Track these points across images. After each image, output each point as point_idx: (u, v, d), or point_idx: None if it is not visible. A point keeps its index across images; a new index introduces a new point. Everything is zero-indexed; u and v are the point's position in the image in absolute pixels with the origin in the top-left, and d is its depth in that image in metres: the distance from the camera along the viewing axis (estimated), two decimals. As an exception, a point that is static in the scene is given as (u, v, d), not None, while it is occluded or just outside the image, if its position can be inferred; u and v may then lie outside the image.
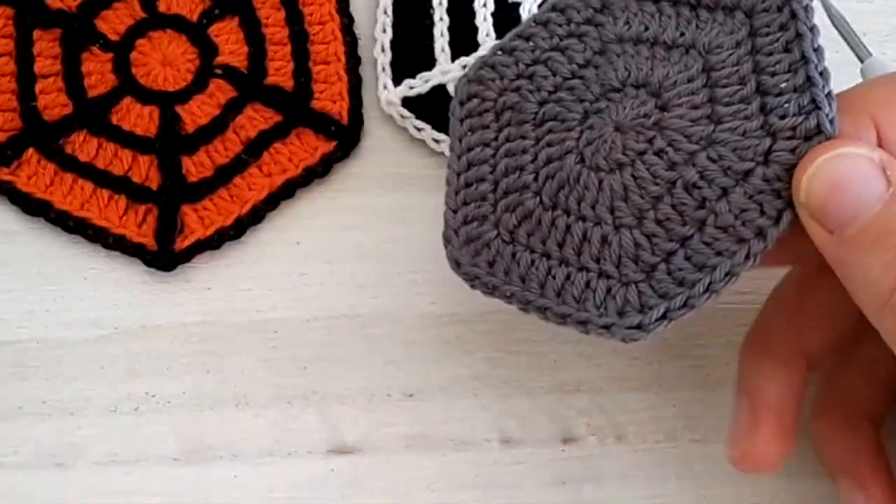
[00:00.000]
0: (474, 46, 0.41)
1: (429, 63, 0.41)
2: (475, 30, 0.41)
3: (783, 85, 0.31)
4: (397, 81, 0.41)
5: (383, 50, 0.41)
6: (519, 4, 0.41)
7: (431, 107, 0.40)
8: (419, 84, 0.41)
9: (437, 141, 0.40)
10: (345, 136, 0.40)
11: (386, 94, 0.41)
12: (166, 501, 0.37)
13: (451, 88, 0.40)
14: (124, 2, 0.41)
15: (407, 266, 0.39)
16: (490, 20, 0.41)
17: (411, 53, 0.41)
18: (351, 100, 0.41)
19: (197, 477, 0.37)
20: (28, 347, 0.38)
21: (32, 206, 0.39)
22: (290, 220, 0.40)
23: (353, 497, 0.37)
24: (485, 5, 0.42)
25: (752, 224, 0.30)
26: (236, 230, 0.39)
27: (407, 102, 0.40)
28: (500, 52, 0.35)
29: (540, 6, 0.36)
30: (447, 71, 0.41)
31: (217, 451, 0.38)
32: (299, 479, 0.37)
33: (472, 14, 0.41)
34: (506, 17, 0.41)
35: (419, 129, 0.40)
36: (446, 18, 0.41)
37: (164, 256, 0.39)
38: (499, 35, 0.41)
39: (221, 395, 0.38)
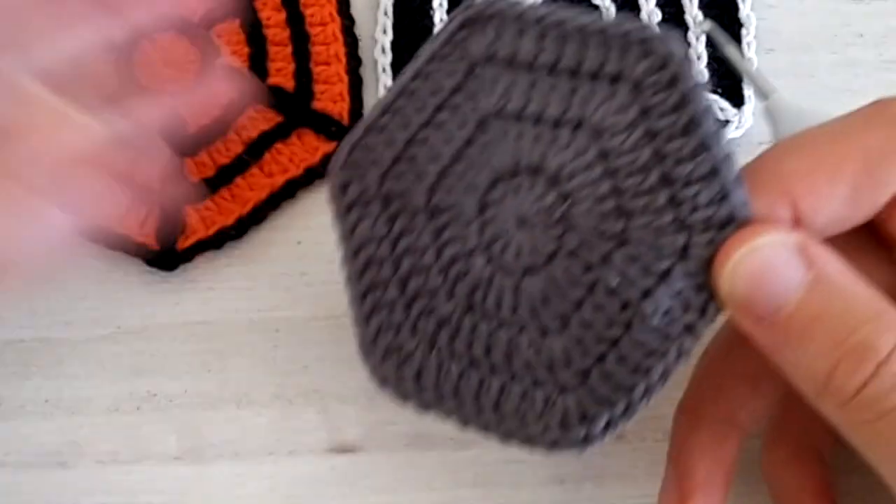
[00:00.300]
0: (474, 48, 0.41)
1: (429, 64, 0.41)
2: (475, 31, 0.41)
3: (688, 173, 0.29)
4: (397, 82, 0.41)
5: (384, 51, 0.42)
6: (518, 6, 0.42)
7: (431, 108, 0.40)
8: (419, 85, 0.41)
9: (437, 142, 0.40)
10: (345, 137, 0.41)
11: (386, 95, 0.41)
12: (168, 500, 0.37)
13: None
14: (126, 3, 0.41)
15: (407, 266, 0.39)
16: (490, 22, 0.41)
17: (411, 55, 0.41)
18: (351, 100, 0.41)
19: (198, 476, 0.37)
20: (30, 347, 0.39)
21: (35, 206, 0.39)
22: (291, 219, 0.40)
23: (353, 495, 0.37)
24: (484, 7, 0.42)
25: (678, 322, 0.29)
26: (238, 230, 0.39)
27: (407, 103, 0.41)
28: (370, 132, 0.32)
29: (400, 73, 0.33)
30: (447, 72, 0.41)
31: (218, 449, 0.38)
32: (300, 478, 0.37)
33: (472, 16, 0.42)
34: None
35: (419, 130, 0.41)
36: (446, 20, 0.42)
37: (166, 256, 0.39)
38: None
39: (223, 394, 0.38)
